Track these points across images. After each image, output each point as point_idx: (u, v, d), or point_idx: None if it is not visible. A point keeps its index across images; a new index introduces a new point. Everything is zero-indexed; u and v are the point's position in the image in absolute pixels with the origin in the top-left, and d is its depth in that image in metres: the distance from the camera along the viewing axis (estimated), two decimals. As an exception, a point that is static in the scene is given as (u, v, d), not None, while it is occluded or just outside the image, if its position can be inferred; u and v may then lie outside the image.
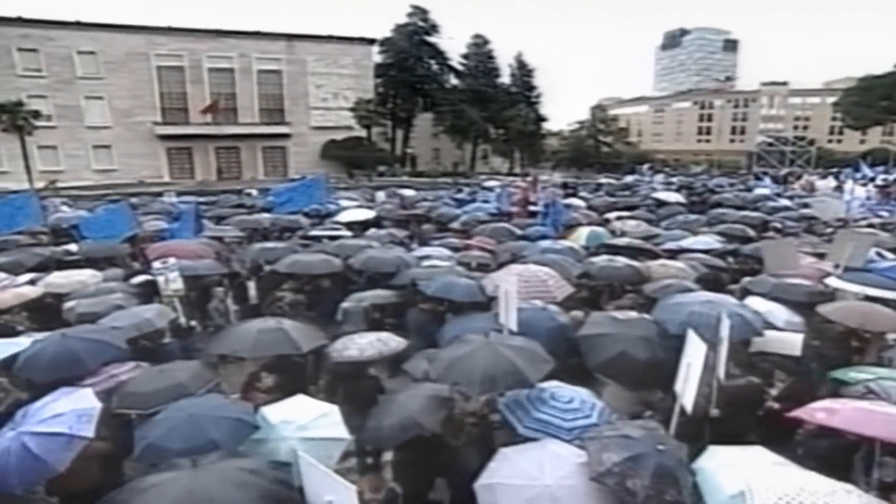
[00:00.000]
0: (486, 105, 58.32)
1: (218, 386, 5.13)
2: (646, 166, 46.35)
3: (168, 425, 4.04)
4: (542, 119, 64.59)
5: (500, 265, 9.96)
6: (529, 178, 27.71)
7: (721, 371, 4.69)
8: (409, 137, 59.77)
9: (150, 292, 8.20)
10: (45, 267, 10.25)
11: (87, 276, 9.66)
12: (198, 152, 46.04)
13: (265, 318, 6.00)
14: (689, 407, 4.33)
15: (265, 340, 5.56)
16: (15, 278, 9.20)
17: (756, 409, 5.01)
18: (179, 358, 5.93)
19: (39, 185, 36.95)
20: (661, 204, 18.59)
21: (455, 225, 14.80)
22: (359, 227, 13.90)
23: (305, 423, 4.16)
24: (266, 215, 15.65)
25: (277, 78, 47.43)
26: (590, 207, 18.18)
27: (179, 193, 25.90)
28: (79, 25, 42.46)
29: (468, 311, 7.03)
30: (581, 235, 12.25)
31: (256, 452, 4.03)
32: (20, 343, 5.57)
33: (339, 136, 48.06)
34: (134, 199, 21.88)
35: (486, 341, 4.92)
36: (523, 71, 63.99)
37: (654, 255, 9.96)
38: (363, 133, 47.18)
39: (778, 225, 14.34)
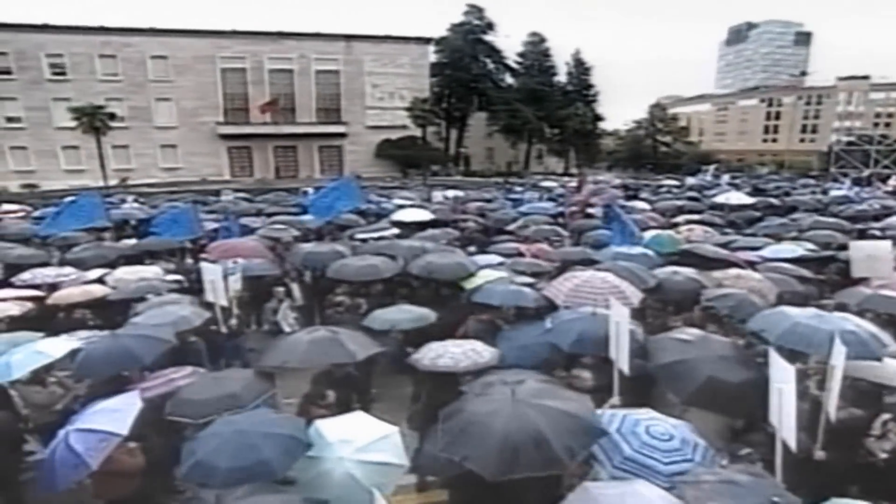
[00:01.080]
0: (541, 104, 57.28)
1: (273, 398, 4.94)
2: (712, 167, 43.92)
3: (217, 442, 3.83)
4: (599, 118, 62.92)
5: (560, 271, 9.52)
6: (577, 181, 26.86)
7: (832, 406, 4.08)
8: (463, 137, 59.47)
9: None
10: (113, 263, 10.48)
11: (151, 272, 9.84)
12: (257, 151, 47.43)
13: (316, 327, 5.77)
14: (792, 444, 3.78)
15: (317, 350, 5.31)
16: (83, 274, 9.48)
17: (857, 450, 4.33)
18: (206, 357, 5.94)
19: (112, 182, 39.07)
20: (733, 208, 17.42)
21: (511, 227, 14.30)
22: (415, 228, 13.60)
23: (364, 444, 3.85)
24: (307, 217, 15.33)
25: (335, 78, 48.23)
26: (653, 211, 17.22)
27: (236, 191, 26.52)
28: (153, 32, 44.82)
29: (526, 321, 6.70)
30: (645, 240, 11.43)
31: (308, 472, 3.77)
32: (66, 346, 5.58)
33: (394, 135, 48.44)
34: (198, 198, 22.60)
35: (512, 399, 3.80)
36: (580, 69, 62.42)
37: (730, 265, 9.15)
38: (418, 132, 47.30)
39: (877, 233, 12.82)
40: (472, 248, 11.70)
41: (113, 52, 44.23)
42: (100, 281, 9.08)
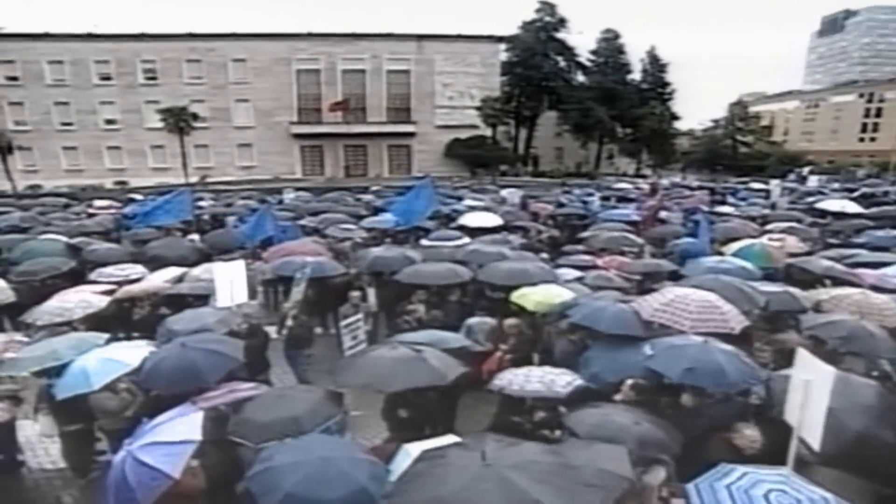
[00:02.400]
0: (613, 103, 55.28)
1: (340, 423, 4.58)
2: (806, 169, 40.36)
3: (305, 471, 3.48)
4: (675, 117, 59.99)
5: (641, 287, 8.71)
6: (648, 185, 25.46)
7: None
8: (532, 136, 58.39)
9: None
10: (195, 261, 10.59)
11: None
12: (328, 150, 48.52)
13: (394, 345, 5.35)
14: (815, 443, 3.44)
15: (404, 370, 4.87)
16: (151, 272, 9.61)
17: None
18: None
19: (193, 179, 41.09)
20: (837, 216, 15.69)
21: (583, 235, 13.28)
22: (482, 234, 13.03)
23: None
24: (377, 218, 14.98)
25: (406, 77, 48.57)
26: (750, 217, 15.60)
27: (299, 189, 26.76)
28: (234, 36, 46.93)
29: (616, 341, 5.89)
30: (731, 251, 10.35)
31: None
32: (140, 353, 5.45)
33: (464, 134, 48.15)
34: (264, 196, 22.99)
35: (484, 464, 2.88)
36: (656, 66, 59.78)
37: (843, 284, 7.97)
38: (487, 132, 46.84)
39: None
40: (542, 258, 10.95)
41: (198, 57, 46.77)
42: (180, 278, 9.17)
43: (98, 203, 23.28)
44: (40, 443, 6.02)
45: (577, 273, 9.01)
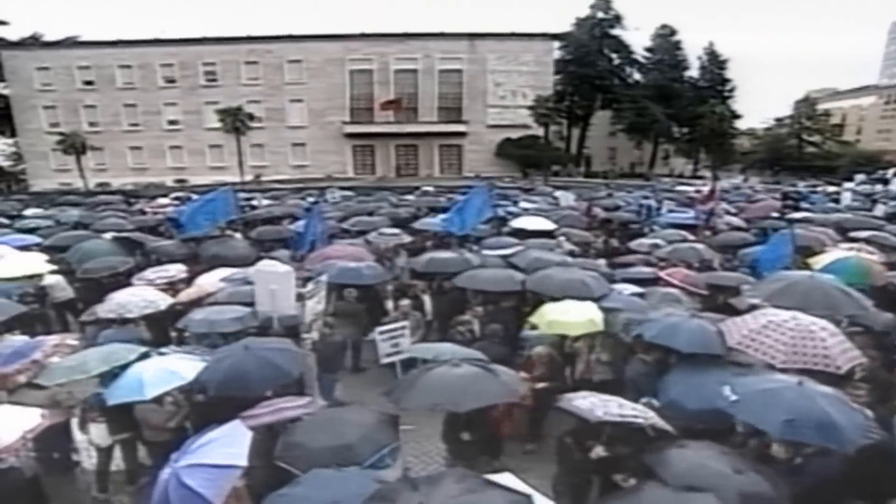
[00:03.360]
0: (670, 101, 53.13)
1: (395, 452, 4.27)
2: (890, 171, 36.89)
3: None
4: (736, 116, 57.07)
5: (715, 306, 7.79)
6: (705, 189, 24.02)
7: None
8: (585, 136, 57.06)
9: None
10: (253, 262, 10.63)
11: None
12: (379, 150, 48.82)
13: (456, 362, 4.96)
14: None
15: (473, 388, 4.52)
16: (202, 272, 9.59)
17: None
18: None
19: (248, 177, 42.22)
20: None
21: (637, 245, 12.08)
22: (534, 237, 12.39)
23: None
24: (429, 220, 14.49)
25: (457, 77, 48.27)
26: (822, 224, 13.88)
27: (342, 189, 26.62)
28: (290, 38, 47.90)
29: (699, 363, 5.29)
30: (820, 265, 8.80)
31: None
32: (196, 366, 5.28)
33: (515, 134, 47.39)
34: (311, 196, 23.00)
35: None
36: (715, 63, 57.10)
37: None
38: (539, 131, 45.93)
39: None
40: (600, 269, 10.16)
41: (256, 59, 48.09)
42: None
43: (160, 201, 24.11)
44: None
45: (636, 289, 8.12)
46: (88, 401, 5.45)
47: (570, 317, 6.43)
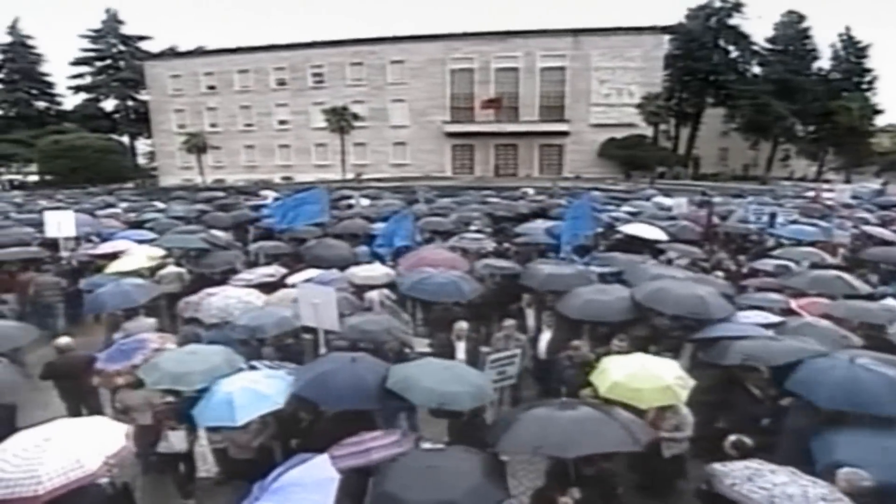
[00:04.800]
0: (794, 96, 47.89)
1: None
2: None
3: None
4: (878, 111, 50.56)
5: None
6: (813, 194, 21.38)
7: None
8: (695, 136, 53.44)
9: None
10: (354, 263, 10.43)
11: (379, 272, 9.64)
12: (479, 149, 48.58)
13: (569, 400, 4.42)
14: None
15: (588, 434, 3.87)
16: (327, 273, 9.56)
17: None
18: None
19: (349, 175, 43.59)
20: None
21: (767, 266, 10.11)
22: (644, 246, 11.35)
23: None
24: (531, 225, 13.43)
25: (560, 75, 46.86)
26: None
27: (431, 189, 26.26)
28: (393, 39, 48.97)
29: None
30: None
31: None
32: (285, 387, 4.90)
33: (620, 133, 45.19)
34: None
35: None
36: (852, 51, 51.01)
37: None
38: (645, 131, 43.62)
39: None
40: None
41: (360, 60, 49.65)
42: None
43: (265, 193, 25.14)
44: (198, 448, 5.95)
45: (769, 316, 6.73)
46: (165, 411, 5.32)
47: (639, 382, 4.97)
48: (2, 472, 3.43)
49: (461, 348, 6.78)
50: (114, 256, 10.92)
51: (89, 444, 3.73)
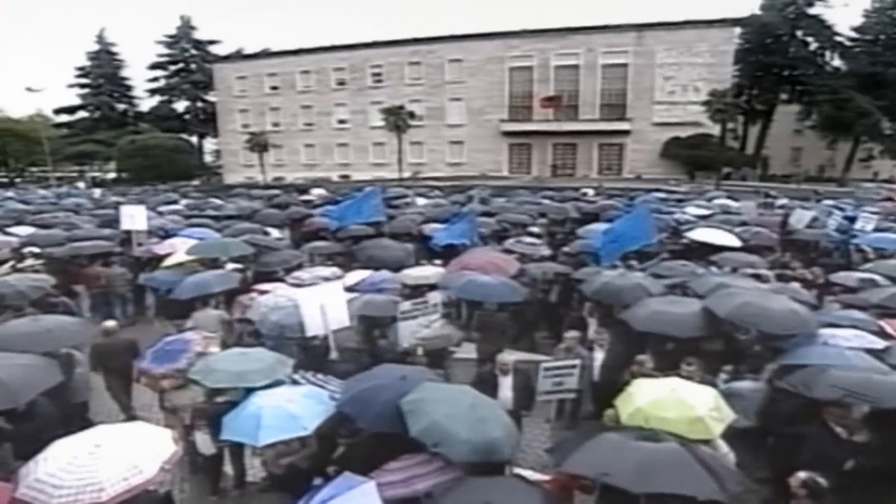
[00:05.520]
0: (882, 91, 44.14)
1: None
2: None
3: None
4: None
5: None
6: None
7: None
8: (765, 134, 50.41)
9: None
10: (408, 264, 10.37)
11: (431, 273, 9.61)
12: (536, 148, 47.75)
13: (649, 434, 3.81)
14: None
15: (667, 472, 3.43)
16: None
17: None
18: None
19: (406, 174, 43.82)
20: None
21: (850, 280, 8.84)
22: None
23: None
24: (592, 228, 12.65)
25: (622, 72, 45.33)
26: None
27: (486, 188, 25.70)
28: (452, 38, 48.89)
29: None
30: None
31: None
32: (322, 412, 4.60)
33: (684, 132, 43.29)
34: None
35: None
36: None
37: None
38: (711, 130, 41.48)
39: None
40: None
41: (419, 60, 49.88)
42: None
43: (315, 191, 25.49)
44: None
45: (871, 339, 5.82)
46: (198, 412, 5.24)
47: (666, 410, 4.41)
48: (59, 480, 3.40)
49: (506, 384, 5.80)
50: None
51: (144, 449, 3.71)
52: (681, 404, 4.42)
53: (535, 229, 13.93)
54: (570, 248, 11.64)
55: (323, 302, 6.39)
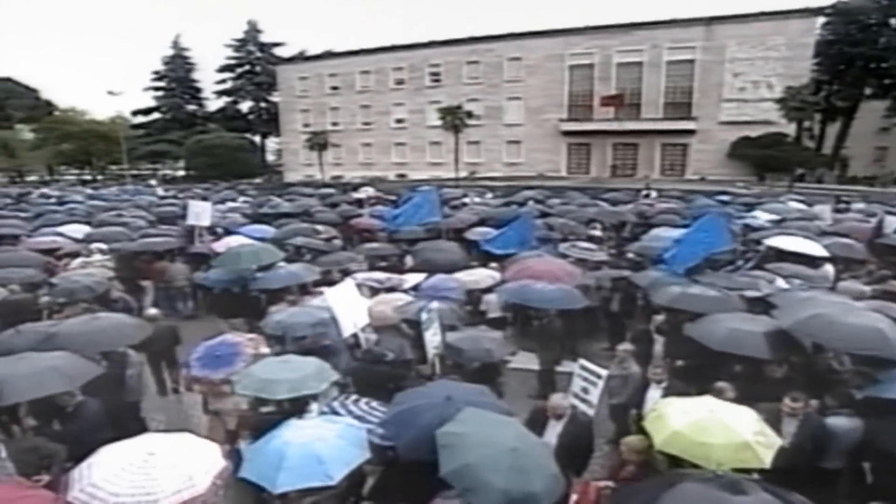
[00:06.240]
0: None
1: None
2: None
3: None
4: None
5: None
6: None
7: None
8: (846, 133, 46.88)
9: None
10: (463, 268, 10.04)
11: (482, 275, 9.44)
12: (595, 148, 46.41)
13: (728, 476, 3.21)
14: None
15: None
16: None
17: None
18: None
19: (462, 174, 43.57)
20: None
21: None
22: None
23: None
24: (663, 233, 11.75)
25: (688, 68, 43.23)
26: None
27: (542, 188, 25.05)
28: (511, 36, 48.21)
29: None
30: None
31: None
32: (354, 458, 4.07)
33: (754, 132, 40.81)
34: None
35: None
36: None
37: None
38: (785, 128, 38.93)
39: None
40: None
41: (477, 59, 49.55)
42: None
43: (365, 189, 25.57)
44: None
45: None
46: (244, 422, 5.08)
47: (707, 434, 3.84)
48: (115, 486, 3.35)
49: (554, 430, 4.87)
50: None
51: (196, 461, 3.63)
52: (724, 428, 3.84)
53: (595, 233, 13.36)
54: (631, 255, 11.05)
55: (348, 302, 6.32)
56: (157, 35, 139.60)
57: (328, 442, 3.87)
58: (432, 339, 5.78)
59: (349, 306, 6.32)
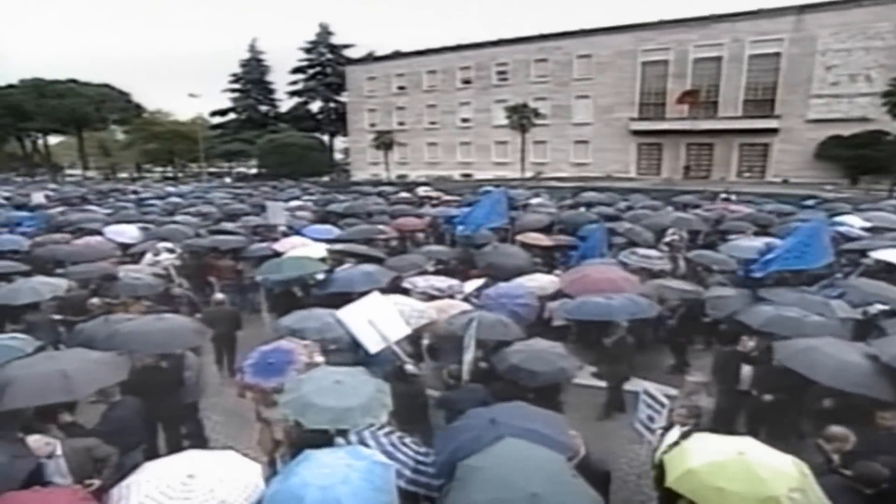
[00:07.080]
0: None
1: None
2: None
3: None
4: None
5: None
6: None
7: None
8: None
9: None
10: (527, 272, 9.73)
11: (545, 281, 9.15)
12: (668, 148, 44.27)
13: None
14: None
15: None
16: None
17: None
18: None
19: (528, 174, 42.77)
20: None
21: None
22: None
23: None
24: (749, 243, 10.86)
25: (773, 62, 40.24)
26: None
27: (594, 190, 23.75)
28: (581, 33, 46.90)
29: None
30: None
31: None
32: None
33: (847, 130, 37.40)
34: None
35: None
36: None
37: None
38: (886, 126, 35.42)
39: None
40: None
41: (545, 56, 48.51)
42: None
43: (422, 189, 25.43)
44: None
45: None
46: (289, 433, 4.88)
47: (727, 480, 3.28)
48: None
49: None
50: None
51: (234, 486, 3.54)
52: (750, 475, 3.25)
53: (672, 238, 12.59)
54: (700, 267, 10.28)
55: (370, 317, 6.08)
56: (237, 39, 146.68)
57: (353, 484, 3.44)
58: (467, 356, 5.52)
59: (377, 320, 6.06)
